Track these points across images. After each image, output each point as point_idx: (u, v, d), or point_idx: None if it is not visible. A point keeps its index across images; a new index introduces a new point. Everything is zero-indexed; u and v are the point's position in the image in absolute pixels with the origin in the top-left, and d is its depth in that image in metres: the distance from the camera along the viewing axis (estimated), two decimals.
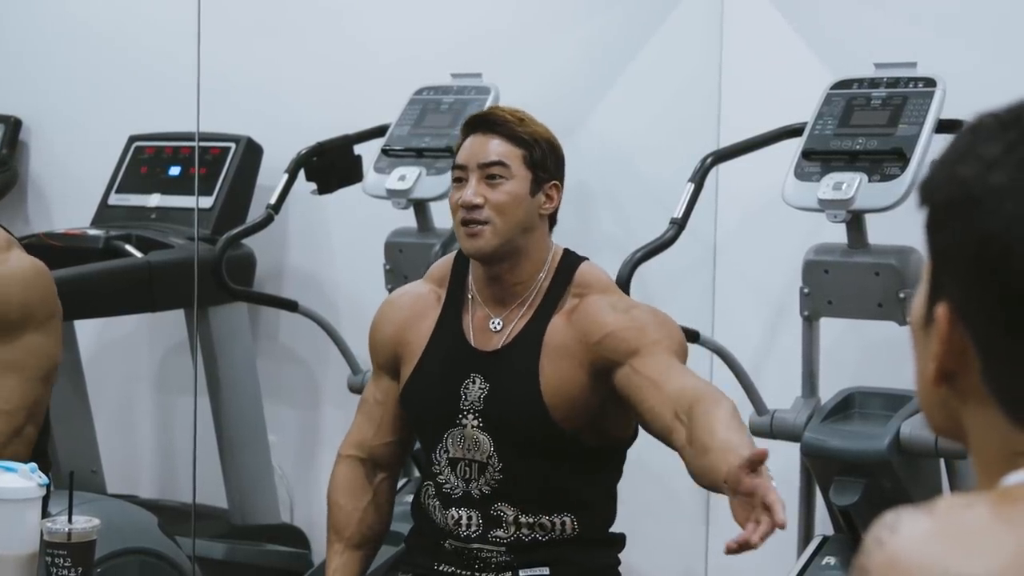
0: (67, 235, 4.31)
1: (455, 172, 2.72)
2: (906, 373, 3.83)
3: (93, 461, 4.40)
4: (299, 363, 4.69)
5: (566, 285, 2.70)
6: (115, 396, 4.89)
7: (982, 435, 1.09)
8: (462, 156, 2.71)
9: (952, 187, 1.07)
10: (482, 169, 2.67)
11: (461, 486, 2.69)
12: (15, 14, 5.07)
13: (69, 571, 2.25)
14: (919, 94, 3.38)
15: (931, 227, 1.09)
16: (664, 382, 2.51)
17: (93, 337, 4.76)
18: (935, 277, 1.10)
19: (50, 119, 5.01)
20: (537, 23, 4.34)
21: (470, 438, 2.68)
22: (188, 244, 4.21)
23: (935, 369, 1.10)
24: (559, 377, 2.64)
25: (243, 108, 4.55)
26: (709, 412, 2.39)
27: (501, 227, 2.65)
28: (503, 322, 2.70)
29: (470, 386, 2.69)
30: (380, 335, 2.82)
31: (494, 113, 2.76)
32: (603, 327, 2.62)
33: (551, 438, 2.65)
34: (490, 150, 2.68)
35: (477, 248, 2.66)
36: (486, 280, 2.72)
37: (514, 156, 2.68)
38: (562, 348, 2.64)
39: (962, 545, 0.99)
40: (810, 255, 3.43)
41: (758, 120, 3.66)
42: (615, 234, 4.10)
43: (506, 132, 2.70)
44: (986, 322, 1.06)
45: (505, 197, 2.66)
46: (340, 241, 4.59)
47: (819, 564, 3.39)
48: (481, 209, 2.65)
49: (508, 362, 2.67)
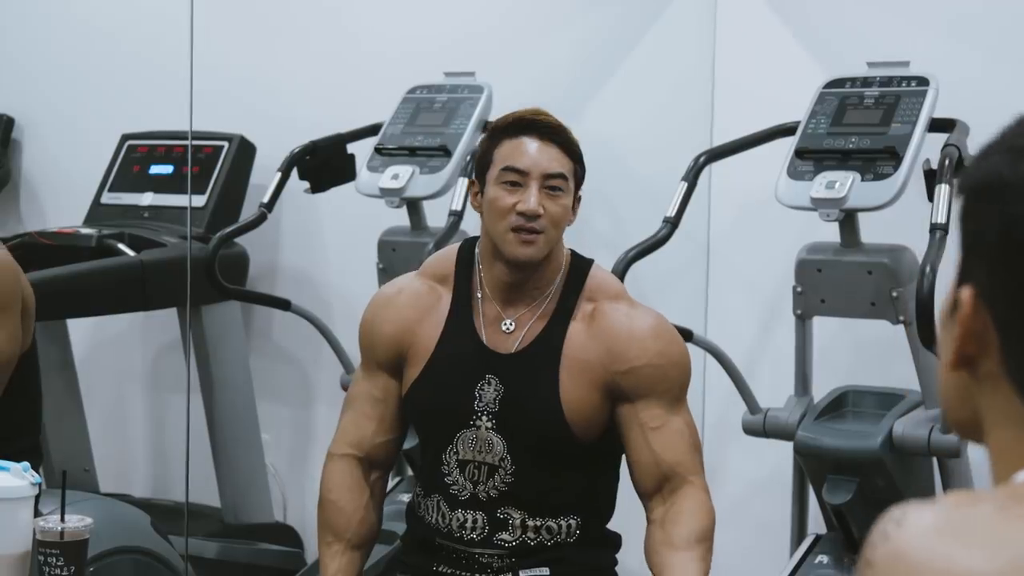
0: (60, 234, 4.30)
1: (507, 174, 2.64)
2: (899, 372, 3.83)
3: (86, 460, 4.39)
4: (292, 362, 4.69)
5: (579, 289, 2.68)
6: (108, 395, 4.89)
7: (998, 424, 1.10)
8: (523, 161, 2.64)
9: (983, 174, 1.10)
10: (546, 179, 2.63)
11: (469, 488, 2.66)
12: (7, 13, 5.07)
13: (62, 570, 2.24)
14: (912, 93, 3.38)
15: (963, 213, 1.12)
16: (660, 442, 2.63)
17: (86, 336, 4.76)
18: (963, 262, 1.12)
19: (42, 117, 5.00)
20: (530, 22, 4.34)
21: (483, 440, 2.65)
22: (181, 243, 4.20)
23: (954, 352, 1.11)
24: (579, 396, 2.63)
25: (236, 107, 4.55)
26: (690, 526, 2.58)
27: (552, 238, 2.64)
28: (515, 323, 2.68)
29: (485, 387, 2.66)
30: (379, 334, 2.76)
31: (548, 120, 2.69)
32: (627, 360, 2.63)
33: (566, 444, 2.64)
34: (555, 161, 2.64)
35: (529, 256, 2.63)
36: (507, 283, 2.68)
37: (570, 169, 2.66)
38: (583, 364, 2.64)
39: (968, 541, 0.99)
40: (803, 254, 3.43)
41: (751, 119, 3.66)
42: (608, 233, 4.10)
43: (564, 143, 2.66)
44: (1009, 306, 1.08)
45: (562, 211, 2.64)
46: (333, 240, 4.59)
47: (812, 562, 3.40)
48: (539, 219, 2.62)
49: (526, 367, 2.65)
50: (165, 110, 4.38)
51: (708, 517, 2.61)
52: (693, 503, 2.60)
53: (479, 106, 3.95)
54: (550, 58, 4.25)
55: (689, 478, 2.62)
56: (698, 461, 2.66)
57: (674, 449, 2.63)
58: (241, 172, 4.49)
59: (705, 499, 2.62)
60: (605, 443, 2.68)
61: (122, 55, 4.83)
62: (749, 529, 3.97)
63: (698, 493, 2.62)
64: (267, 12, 4.67)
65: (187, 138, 4.24)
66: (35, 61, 5.00)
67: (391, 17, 4.47)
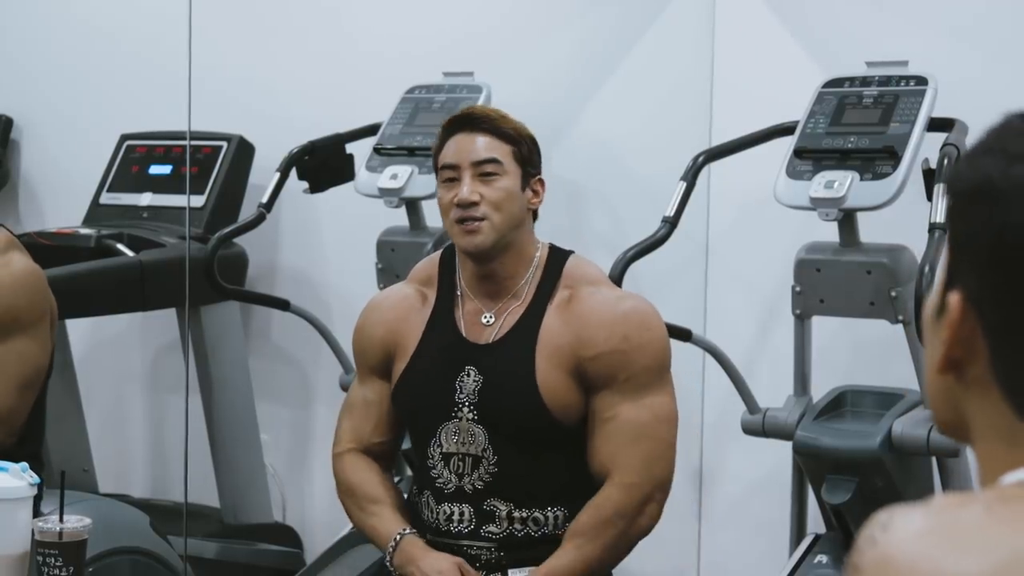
0: (58, 234, 4.30)
1: (444, 172, 2.72)
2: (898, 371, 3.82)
3: (85, 460, 4.39)
4: (291, 362, 4.69)
5: (556, 278, 2.72)
6: (107, 395, 4.89)
7: (985, 427, 1.10)
8: (451, 156, 2.71)
9: (975, 178, 1.09)
10: (476, 167, 2.68)
11: (454, 481, 2.69)
12: (6, 13, 5.06)
13: (60, 570, 2.24)
14: (910, 92, 3.38)
15: (952, 216, 1.12)
16: (604, 433, 2.66)
17: (85, 336, 4.75)
18: (952, 266, 1.12)
19: (41, 118, 5.00)
20: (529, 22, 4.34)
21: (465, 431, 2.68)
22: (180, 243, 4.20)
23: (942, 355, 1.11)
24: (554, 379, 2.67)
25: (235, 107, 4.55)
26: (579, 519, 2.66)
27: (498, 222, 2.67)
28: (495, 316, 2.72)
29: (465, 379, 2.70)
30: (369, 339, 2.82)
31: (475, 112, 2.76)
32: (594, 345, 2.66)
33: (546, 429, 2.67)
34: (481, 147, 2.69)
35: (475, 244, 2.67)
36: (478, 276, 2.73)
37: (505, 152, 2.70)
38: (556, 350, 2.67)
39: (955, 544, 0.99)
40: (802, 254, 3.43)
41: (750, 119, 3.66)
42: (607, 233, 4.10)
43: (492, 129, 2.71)
44: (998, 311, 1.07)
45: (501, 193, 2.68)
46: (332, 240, 4.59)
47: (811, 562, 3.40)
48: (477, 206, 2.66)
49: (502, 354, 2.69)
50: (164, 110, 4.37)
51: (596, 512, 2.64)
52: (596, 498, 2.65)
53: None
54: (549, 58, 4.25)
55: (613, 474, 2.65)
56: (633, 454, 2.66)
57: (612, 443, 2.66)
58: (240, 172, 4.49)
59: (610, 493, 2.64)
60: (585, 427, 2.69)
61: (121, 55, 4.82)
62: (748, 529, 3.97)
63: (607, 489, 2.65)
64: (265, 12, 4.66)
65: (186, 138, 4.24)
66: (34, 61, 5.00)
67: (390, 17, 4.46)
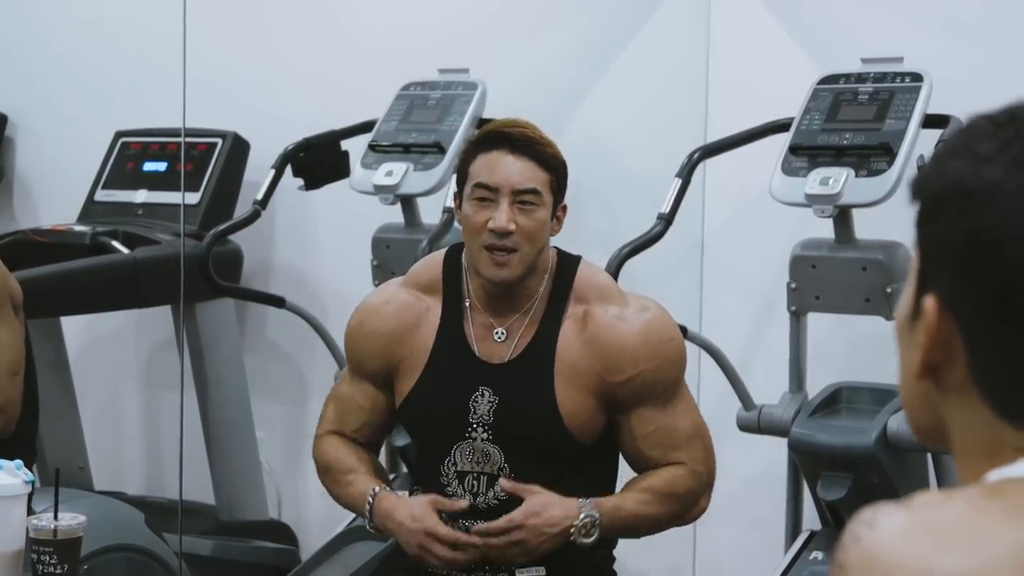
0: (53, 231, 4.29)
1: (478, 191, 2.62)
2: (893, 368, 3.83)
3: (80, 457, 4.39)
4: (286, 359, 4.68)
5: (567, 291, 2.67)
6: (102, 392, 4.88)
7: (964, 429, 1.09)
8: (492, 177, 2.61)
9: (944, 181, 1.08)
10: (516, 195, 2.60)
11: (469, 499, 2.66)
12: (0, 11, 5.06)
13: (55, 568, 2.24)
14: (906, 89, 3.38)
15: (921, 221, 1.10)
16: (650, 443, 2.66)
17: (80, 333, 4.75)
18: (923, 271, 1.11)
19: (36, 115, 4.99)
20: (524, 19, 4.34)
21: (480, 451, 2.65)
22: (175, 240, 4.20)
23: (920, 361, 1.10)
24: (576, 401, 2.63)
25: (230, 104, 4.54)
26: (648, 478, 2.67)
27: (528, 254, 2.61)
28: (507, 332, 2.67)
29: (479, 399, 2.65)
30: (366, 345, 2.75)
31: (523, 133, 2.64)
32: (622, 371, 2.63)
33: (564, 449, 2.64)
34: (524, 175, 2.60)
35: (503, 277, 2.61)
36: (490, 293, 2.67)
37: (543, 182, 2.62)
38: (576, 371, 2.63)
39: (940, 541, 0.98)
40: (797, 250, 3.43)
41: (745, 115, 3.66)
42: (602, 230, 4.10)
43: (536, 156, 2.62)
44: (975, 314, 1.06)
45: (536, 224, 2.60)
46: (327, 237, 4.58)
47: (807, 559, 3.40)
48: (511, 236, 2.59)
49: (518, 375, 2.64)
50: (159, 107, 4.37)
51: (671, 483, 2.65)
52: (668, 471, 2.66)
53: (473, 103, 3.95)
54: (544, 55, 4.24)
55: (683, 460, 2.67)
56: (696, 447, 2.69)
57: (663, 446, 2.66)
58: (235, 169, 4.48)
59: (684, 474, 2.66)
60: (604, 440, 2.68)
61: (116, 52, 4.82)
62: (744, 525, 3.97)
63: (678, 469, 2.66)
64: (261, 9, 4.66)
65: (181, 135, 4.23)
66: (29, 58, 4.99)
67: (385, 14, 4.46)
